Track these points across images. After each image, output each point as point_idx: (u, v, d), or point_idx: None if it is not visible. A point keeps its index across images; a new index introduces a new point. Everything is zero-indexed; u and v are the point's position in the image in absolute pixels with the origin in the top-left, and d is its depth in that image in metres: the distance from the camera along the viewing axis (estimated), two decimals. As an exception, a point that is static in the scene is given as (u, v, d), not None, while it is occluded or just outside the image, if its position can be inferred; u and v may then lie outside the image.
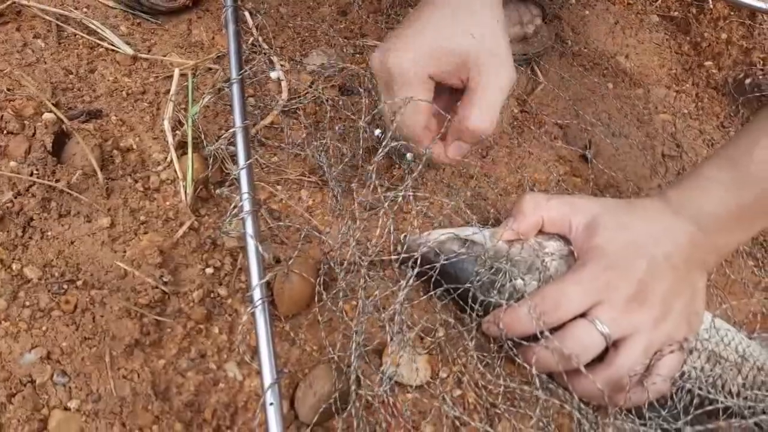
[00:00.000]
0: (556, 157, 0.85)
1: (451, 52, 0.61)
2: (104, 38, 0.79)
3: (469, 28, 0.61)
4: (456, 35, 0.61)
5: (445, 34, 0.61)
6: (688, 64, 1.01)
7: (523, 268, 0.64)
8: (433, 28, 0.62)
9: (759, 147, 0.59)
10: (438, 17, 0.63)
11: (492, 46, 0.62)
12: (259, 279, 0.57)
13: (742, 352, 0.64)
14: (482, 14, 0.63)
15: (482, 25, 0.62)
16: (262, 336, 0.55)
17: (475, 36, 0.61)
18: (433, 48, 0.61)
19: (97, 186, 0.64)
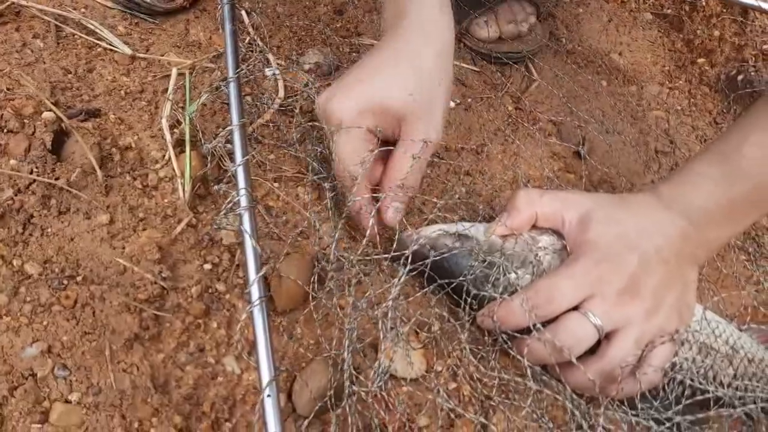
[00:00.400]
0: (550, 153, 0.86)
1: (388, 110, 0.64)
2: (102, 38, 0.80)
3: (411, 88, 0.63)
4: (398, 92, 0.63)
5: (386, 88, 0.64)
6: (681, 61, 1.02)
7: (516, 262, 0.65)
8: (376, 80, 0.65)
9: (748, 143, 0.60)
10: (384, 68, 0.65)
11: (426, 107, 0.64)
12: (256, 271, 0.58)
13: (733, 344, 0.65)
14: (425, 70, 0.65)
15: (424, 87, 0.64)
16: (260, 333, 0.56)
17: (415, 97, 0.63)
18: (374, 102, 0.63)
19: (96, 183, 0.64)
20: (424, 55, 0.65)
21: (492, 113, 0.89)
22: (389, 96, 0.63)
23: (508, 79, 0.94)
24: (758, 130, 0.60)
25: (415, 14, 0.67)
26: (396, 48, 0.66)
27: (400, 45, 0.66)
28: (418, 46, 0.66)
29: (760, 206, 0.63)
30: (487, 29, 0.93)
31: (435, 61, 0.66)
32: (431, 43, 0.66)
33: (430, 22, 0.67)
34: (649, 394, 0.62)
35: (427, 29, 0.66)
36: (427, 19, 0.67)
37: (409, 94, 0.63)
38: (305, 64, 0.88)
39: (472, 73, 0.94)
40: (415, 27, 0.66)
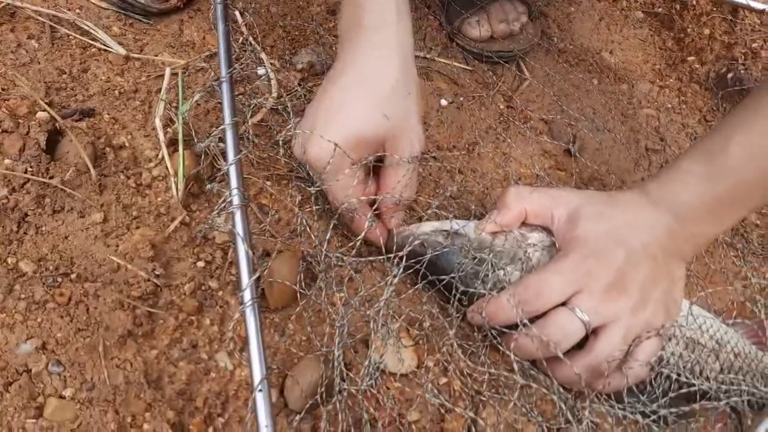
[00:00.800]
0: (542, 151, 0.87)
1: (367, 139, 0.64)
2: (97, 38, 0.81)
3: (383, 109, 0.64)
4: (372, 119, 0.64)
5: (358, 120, 0.64)
6: (671, 59, 1.03)
7: (506, 258, 0.66)
8: (346, 115, 0.64)
9: (733, 142, 0.60)
10: (351, 100, 0.65)
11: (403, 121, 0.65)
12: (248, 275, 0.59)
13: (719, 339, 0.66)
14: (392, 86, 0.65)
15: (395, 103, 0.64)
16: (252, 333, 0.56)
17: (389, 116, 0.64)
18: (351, 138, 0.63)
19: (90, 182, 0.65)
20: (388, 70, 0.65)
21: (484, 112, 0.90)
22: (363, 127, 0.64)
23: (499, 78, 0.95)
24: (743, 130, 0.60)
25: (371, 23, 0.66)
26: (358, 69, 0.66)
27: (360, 65, 0.66)
28: (379, 61, 0.66)
29: (745, 204, 0.63)
30: (479, 29, 0.94)
31: (400, 72, 0.66)
32: (392, 55, 0.66)
33: (387, 30, 0.66)
34: (637, 388, 0.62)
35: (386, 39, 0.66)
36: (385, 28, 0.66)
37: (383, 116, 0.64)
38: (298, 63, 0.89)
39: (464, 72, 0.94)
40: (374, 39, 0.66)
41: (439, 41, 0.98)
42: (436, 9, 0.99)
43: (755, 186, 0.61)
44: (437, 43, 0.98)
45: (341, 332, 0.60)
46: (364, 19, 0.66)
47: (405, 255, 0.66)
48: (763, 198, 0.66)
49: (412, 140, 0.65)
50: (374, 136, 0.64)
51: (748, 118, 0.61)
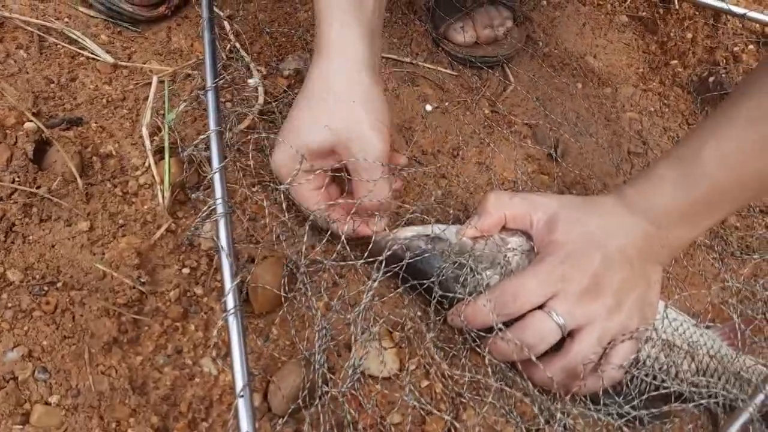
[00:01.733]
0: (525, 155, 0.89)
1: (315, 150, 0.67)
2: (85, 47, 0.82)
3: (324, 121, 0.66)
4: (315, 131, 0.67)
5: (306, 131, 0.67)
6: (654, 63, 1.04)
7: (486, 262, 0.67)
8: (298, 126, 0.68)
9: (706, 148, 0.61)
10: (300, 112, 0.69)
11: (350, 131, 0.66)
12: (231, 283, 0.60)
13: (696, 341, 0.67)
14: (334, 96, 0.67)
15: (337, 113, 0.66)
16: (235, 341, 0.58)
17: (331, 127, 0.66)
18: (302, 148, 0.67)
19: (77, 191, 0.66)
20: (331, 80, 0.68)
21: (468, 117, 0.91)
22: (310, 138, 0.67)
23: (484, 82, 0.96)
24: (716, 137, 0.61)
25: (321, 37, 0.69)
26: (306, 85, 0.69)
27: (309, 80, 0.69)
28: (324, 73, 0.68)
29: (721, 208, 0.64)
30: (464, 34, 0.95)
31: (343, 82, 0.67)
32: (335, 66, 0.68)
33: (332, 42, 0.68)
34: (614, 389, 0.64)
35: (330, 51, 0.68)
36: (330, 40, 0.68)
37: (324, 127, 0.66)
38: (285, 70, 0.90)
39: (450, 77, 0.96)
40: (322, 52, 0.69)
41: (425, 47, 0.99)
42: (422, 15, 1.01)
43: (729, 191, 0.63)
44: (423, 48, 0.99)
45: (321, 336, 0.61)
46: (317, 35, 0.70)
47: (386, 259, 0.67)
48: (737, 203, 0.68)
49: (363, 147, 0.66)
50: (321, 147, 0.67)
51: (720, 124, 0.62)
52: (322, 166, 0.68)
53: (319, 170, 0.68)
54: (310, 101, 0.68)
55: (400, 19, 1.01)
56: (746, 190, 0.64)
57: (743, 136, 0.60)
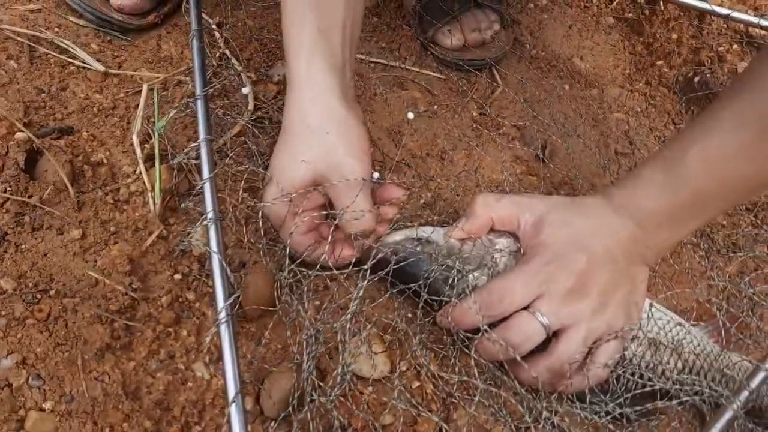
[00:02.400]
0: (513, 157, 0.90)
1: (298, 186, 0.67)
2: (75, 56, 0.83)
3: (301, 156, 0.67)
4: (294, 168, 0.67)
5: (287, 170, 0.68)
6: (641, 63, 1.05)
7: (474, 264, 0.68)
8: (281, 165, 0.69)
9: (691, 153, 0.62)
10: (279, 153, 0.70)
11: (327, 161, 0.67)
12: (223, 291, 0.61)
13: (682, 338, 0.68)
14: (313, 135, 0.68)
15: (313, 147, 0.67)
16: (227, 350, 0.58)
17: (308, 160, 0.67)
18: (287, 185, 0.67)
19: (68, 200, 0.67)
20: (304, 112, 0.68)
21: (457, 119, 0.92)
22: (290, 177, 0.67)
23: (472, 85, 0.97)
24: (701, 141, 0.62)
25: (291, 71, 0.70)
26: (286, 119, 0.70)
27: (288, 113, 0.70)
28: (297, 107, 0.69)
29: (705, 211, 0.65)
30: (451, 38, 0.96)
31: (316, 114, 0.68)
32: (307, 98, 0.69)
33: (301, 76, 0.69)
34: (601, 388, 0.65)
35: (301, 84, 0.69)
36: (299, 74, 0.69)
37: (302, 162, 0.67)
38: (274, 76, 0.91)
39: (438, 80, 0.97)
40: (294, 86, 0.70)
41: (413, 51, 1.00)
42: (410, 19, 1.01)
43: (714, 195, 0.63)
44: (411, 52, 1.00)
45: (310, 343, 0.62)
46: (288, 69, 0.71)
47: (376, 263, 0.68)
48: (723, 205, 0.69)
49: (342, 174, 0.66)
50: (302, 182, 0.67)
51: (706, 128, 0.63)
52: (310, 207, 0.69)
53: (304, 214, 0.68)
54: (286, 137, 0.70)
55: (388, 23, 1.02)
56: (731, 194, 0.65)
57: (728, 141, 0.61)
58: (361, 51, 0.97)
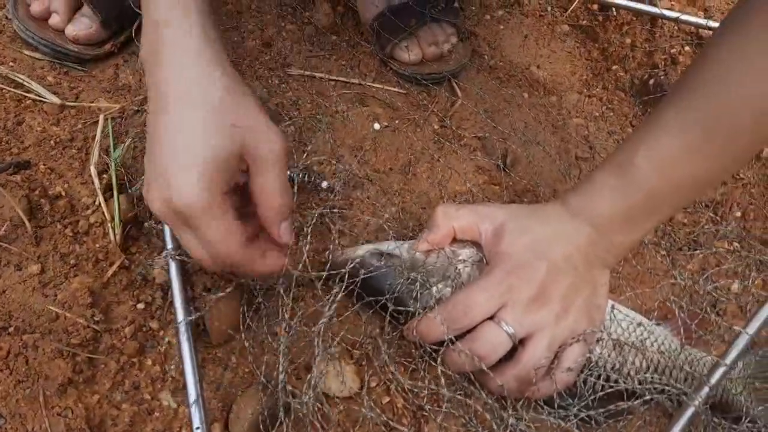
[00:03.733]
0: (475, 167, 0.90)
1: (227, 160, 0.55)
2: (31, 90, 0.83)
3: (227, 120, 0.55)
4: (221, 136, 0.55)
5: (210, 141, 0.54)
6: (597, 69, 1.07)
7: (438, 276, 0.69)
8: (193, 141, 0.54)
9: (639, 155, 0.63)
10: (192, 122, 0.55)
11: (255, 123, 0.57)
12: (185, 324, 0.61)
13: (646, 338, 0.69)
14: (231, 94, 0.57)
15: (237, 107, 0.57)
16: (190, 381, 0.59)
17: (237, 123, 0.56)
18: (209, 167, 0.54)
19: (26, 235, 0.67)
20: (215, 75, 0.57)
21: (419, 133, 0.93)
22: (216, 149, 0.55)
23: (433, 99, 0.98)
24: (648, 143, 0.63)
25: (172, 35, 0.58)
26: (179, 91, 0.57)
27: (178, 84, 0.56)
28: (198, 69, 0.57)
29: (660, 212, 0.66)
30: (409, 53, 0.97)
31: (225, 73, 0.58)
32: (210, 57, 0.58)
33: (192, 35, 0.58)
34: (569, 392, 0.65)
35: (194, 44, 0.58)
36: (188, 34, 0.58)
37: (230, 126, 0.55)
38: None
39: (398, 95, 0.98)
40: (180, 50, 0.57)
41: (372, 67, 1.01)
42: (368, 36, 1.02)
43: (666, 195, 0.65)
44: (371, 69, 1.01)
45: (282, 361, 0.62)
46: (164, 35, 0.58)
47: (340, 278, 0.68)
48: (676, 204, 0.70)
49: (270, 138, 0.57)
50: (229, 154, 0.55)
51: (652, 130, 0.64)
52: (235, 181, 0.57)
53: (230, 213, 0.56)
54: (195, 108, 0.55)
55: (346, 41, 1.02)
56: (682, 193, 0.66)
57: (673, 142, 0.62)
58: (320, 69, 0.98)
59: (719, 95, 0.60)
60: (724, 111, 0.60)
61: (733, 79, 0.59)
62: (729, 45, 0.59)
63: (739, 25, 0.59)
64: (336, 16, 1.05)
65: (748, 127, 0.60)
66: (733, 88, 0.59)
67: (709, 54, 0.61)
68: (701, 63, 0.62)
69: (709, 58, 0.61)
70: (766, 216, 0.93)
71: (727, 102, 0.59)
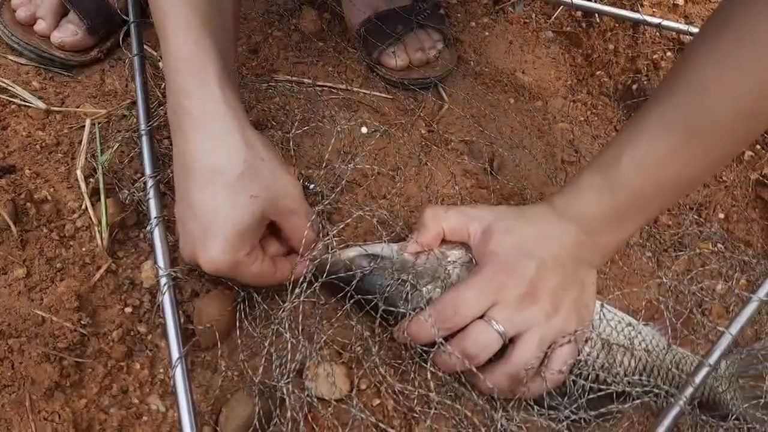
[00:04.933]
0: (463, 171, 0.91)
1: (250, 226, 0.62)
2: (16, 95, 0.82)
3: (247, 191, 0.62)
4: (242, 207, 0.61)
5: (233, 213, 0.61)
6: (581, 74, 1.08)
7: (428, 277, 0.69)
8: (219, 213, 0.61)
9: (624, 156, 0.64)
10: (215, 195, 0.61)
11: (273, 188, 0.64)
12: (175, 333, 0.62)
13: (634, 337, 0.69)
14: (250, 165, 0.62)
15: (255, 178, 0.62)
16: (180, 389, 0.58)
17: (257, 193, 0.62)
18: (234, 234, 0.61)
19: (11, 239, 0.66)
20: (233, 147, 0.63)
21: (406, 138, 0.93)
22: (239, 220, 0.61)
23: (420, 104, 0.98)
24: (632, 144, 0.64)
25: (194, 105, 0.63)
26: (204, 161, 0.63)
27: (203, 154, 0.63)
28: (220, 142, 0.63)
29: (644, 212, 0.67)
30: (396, 59, 0.98)
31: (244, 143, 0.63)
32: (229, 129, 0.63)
33: (212, 105, 0.63)
34: (559, 391, 0.66)
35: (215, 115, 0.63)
36: (209, 104, 0.63)
37: (250, 197, 0.62)
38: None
39: (385, 100, 0.98)
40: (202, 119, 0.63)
41: (359, 73, 1.01)
42: (355, 42, 1.03)
43: (651, 195, 0.65)
44: (358, 74, 1.01)
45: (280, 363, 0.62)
46: (186, 103, 0.63)
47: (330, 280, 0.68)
48: (661, 205, 0.71)
49: (288, 191, 0.65)
50: (253, 221, 0.62)
51: (634, 132, 0.65)
52: None
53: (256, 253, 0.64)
54: (218, 180, 0.62)
55: (333, 47, 1.03)
56: (667, 193, 0.66)
57: (655, 143, 0.63)
58: (307, 75, 0.98)
59: (699, 97, 0.61)
60: (704, 112, 0.61)
61: (712, 81, 0.59)
62: (708, 48, 0.60)
63: (717, 28, 0.60)
64: (323, 22, 1.05)
65: (728, 127, 0.61)
66: (712, 89, 0.60)
67: (689, 57, 0.63)
68: (682, 66, 0.63)
69: (690, 61, 0.62)
70: (748, 218, 0.94)
71: (707, 103, 0.60)
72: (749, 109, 0.58)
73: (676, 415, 0.61)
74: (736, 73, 0.58)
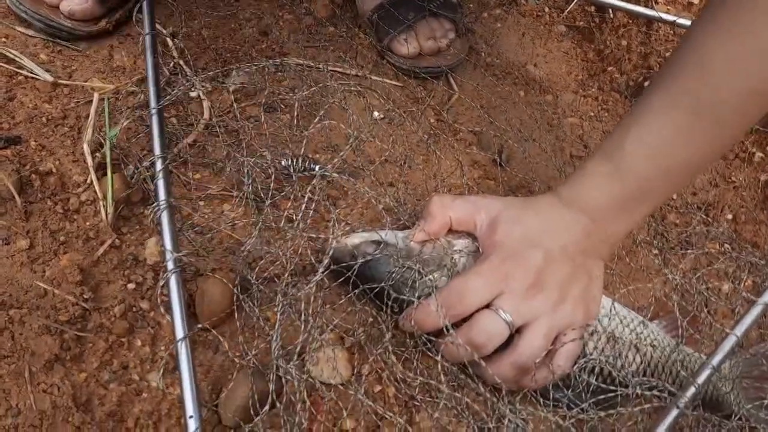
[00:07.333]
0: (471, 162, 0.90)
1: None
2: (23, 66, 0.81)
3: None
4: None
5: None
6: (593, 70, 1.08)
7: (434, 265, 0.68)
8: None
9: (628, 142, 0.63)
10: None
11: None
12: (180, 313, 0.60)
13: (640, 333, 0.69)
14: None
15: None
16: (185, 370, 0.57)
17: None
18: None
19: (15, 209, 0.65)
20: None
21: (415, 126, 0.93)
22: None
23: (429, 92, 0.98)
24: (637, 130, 0.63)
25: None
26: None
27: None
28: None
29: (653, 198, 0.66)
30: (407, 46, 0.97)
31: None
32: None
33: None
34: (563, 383, 0.65)
35: None
36: None
37: None
38: (231, 85, 0.90)
39: (395, 88, 0.97)
40: None
41: (370, 59, 1.00)
42: (367, 28, 1.02)
43: (657, 181, 0.64)
44: (369, 61, 1.00)
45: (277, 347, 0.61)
46: None
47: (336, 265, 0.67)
48: (668, 191, 0.70)
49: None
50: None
51: (638, 116, 0.64)
52: None
53: None
54: None
55: (345, 32, 1.02)
56: (673, 176, 0.65)
57: (661, 124, 0.62)
58: (317, 59, 0.97)
59: (703, 76, 0.60)
60: (708, 91, 0.60)
61: (716, 61, 0.59)
62: (710, 28, 0.59)
63: (718, 9, 0.59)
64: (334, 6, 1.04)
65: (732, 106, 0.60)
66: (717, 68, 0.59)
67: (691, 38, 0.62)
68: (684, 47, 0.62)
69: (692, 41, 0.61)
70: (756, 219, 0.94)
71: (710, 82, 0.59)
72: (755, 76, 0.58)
73: (676, 415, 0.61)
74: (737, 39, 0.57)
